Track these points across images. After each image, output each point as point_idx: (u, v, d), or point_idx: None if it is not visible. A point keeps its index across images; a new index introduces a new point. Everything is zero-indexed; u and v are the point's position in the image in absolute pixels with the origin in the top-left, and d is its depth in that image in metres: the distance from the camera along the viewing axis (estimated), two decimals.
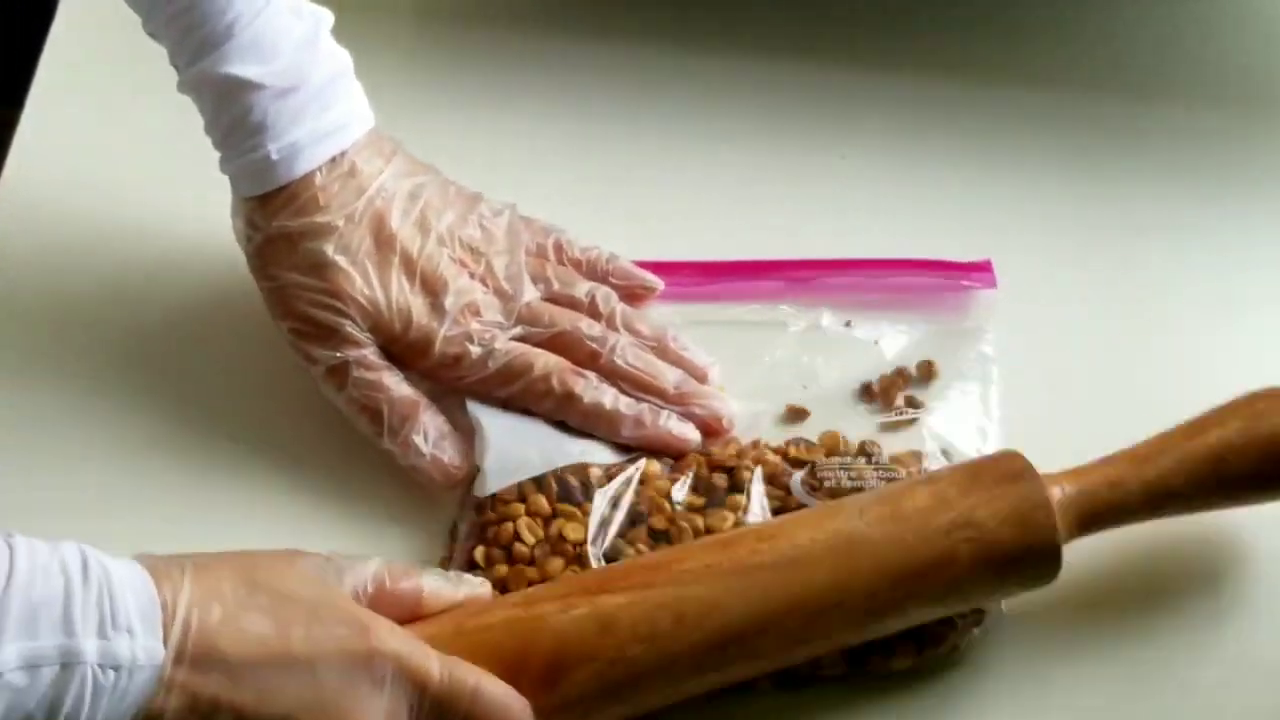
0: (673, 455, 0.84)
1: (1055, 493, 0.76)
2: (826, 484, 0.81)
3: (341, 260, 0.82)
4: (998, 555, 0.75)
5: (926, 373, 0.87)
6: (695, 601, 0.73)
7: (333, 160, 0.82)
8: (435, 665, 0.70)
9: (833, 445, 0.84)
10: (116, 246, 0.91)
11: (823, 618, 0.74)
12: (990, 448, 0.84)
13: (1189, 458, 0.77)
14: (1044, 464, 0.77)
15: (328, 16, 0.83)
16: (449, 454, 0.83)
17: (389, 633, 0.70)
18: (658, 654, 0.73)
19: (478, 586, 0.76)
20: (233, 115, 0.81)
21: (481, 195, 0.87)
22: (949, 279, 0.90)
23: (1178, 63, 1.02)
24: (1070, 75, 1.01)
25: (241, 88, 0.81)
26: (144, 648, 0.65)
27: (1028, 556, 0.75)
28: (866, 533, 0.75)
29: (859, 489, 0.80)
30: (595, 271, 0.88)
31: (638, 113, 0.99)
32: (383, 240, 0.83)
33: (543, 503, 0.81)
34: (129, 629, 0.65)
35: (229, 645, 0.67)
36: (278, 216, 0.82)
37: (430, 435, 0.83)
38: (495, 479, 0.82)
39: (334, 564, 0.72)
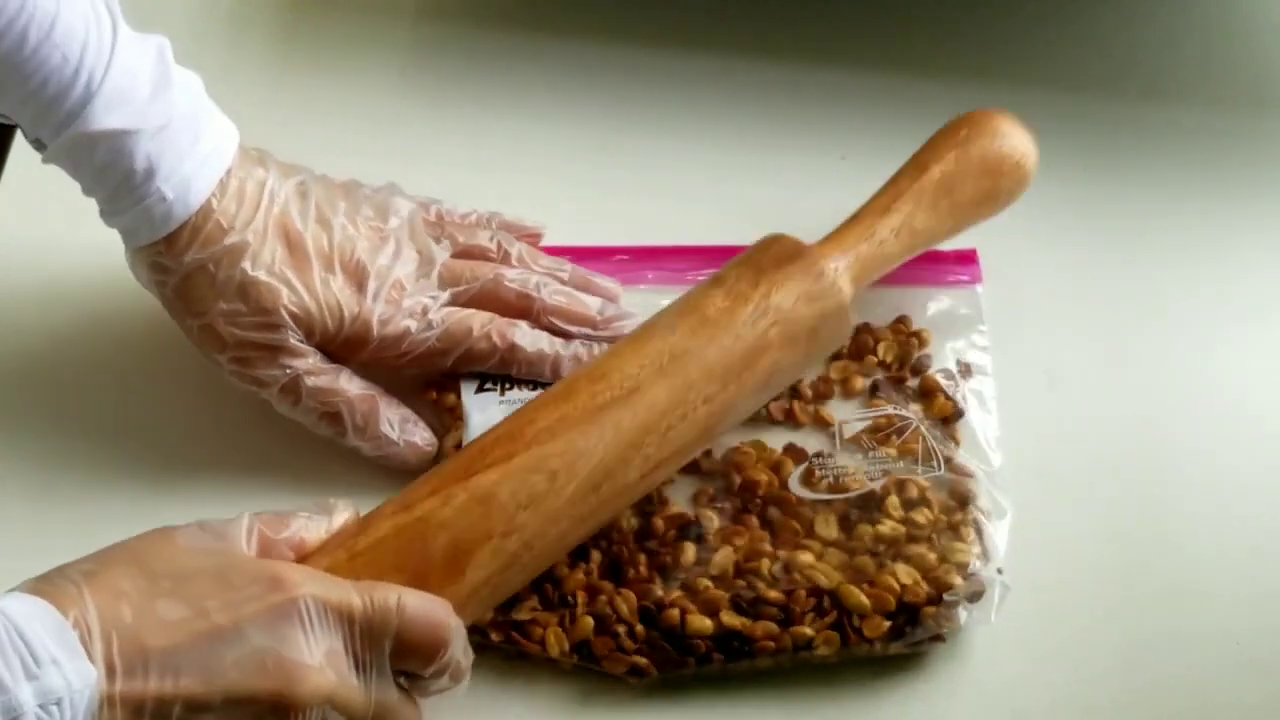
0: None
1: (828, 264, 0.83)
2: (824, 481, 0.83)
3: (263, 276, 0.83)
4: (802, 331, 0.82)
5: (921, 364, 0.88)
6: (560, 456, 0.77)
7: (220, 183, 0.82)
8: (354, 594, 0.70)
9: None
10: (115, 246, 0.91)
11: (672, 434, 0.79)
12: (993, 443, 0.84)
13: (923, 195, 0.86)
14: (1044, 460, 0.76)
15: (165, 41, 0.82)
16: (419, 436, 0.85)
17: (301, 576, 0.70)
18: (543, 514, 0.77)
19: (345, 511, 0.76)
20: (118, 169, 0.80)
21: (357, 180, 0.88)
22: (936, 271, 0.90)
23: (1178, 64, 1.02)
24: (1070, 77, 1.01)
25: (119, 139, 0.79)
26: (75, 672, 0.64)
27: (825, 324, 0.83)
28: (685, 345, 0.80)
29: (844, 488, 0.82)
30: (481, 228, 0.90)
31: (637, 113, 1.00)
32: (294, 245, 0.84)
33: None
34: (53, 660, 0.64)
35: (153, 639, 0.67)
36: (187, 252, 0.82)
37: (396, 423, 0.84)
38: None
39: (210, 529, 0.72)
